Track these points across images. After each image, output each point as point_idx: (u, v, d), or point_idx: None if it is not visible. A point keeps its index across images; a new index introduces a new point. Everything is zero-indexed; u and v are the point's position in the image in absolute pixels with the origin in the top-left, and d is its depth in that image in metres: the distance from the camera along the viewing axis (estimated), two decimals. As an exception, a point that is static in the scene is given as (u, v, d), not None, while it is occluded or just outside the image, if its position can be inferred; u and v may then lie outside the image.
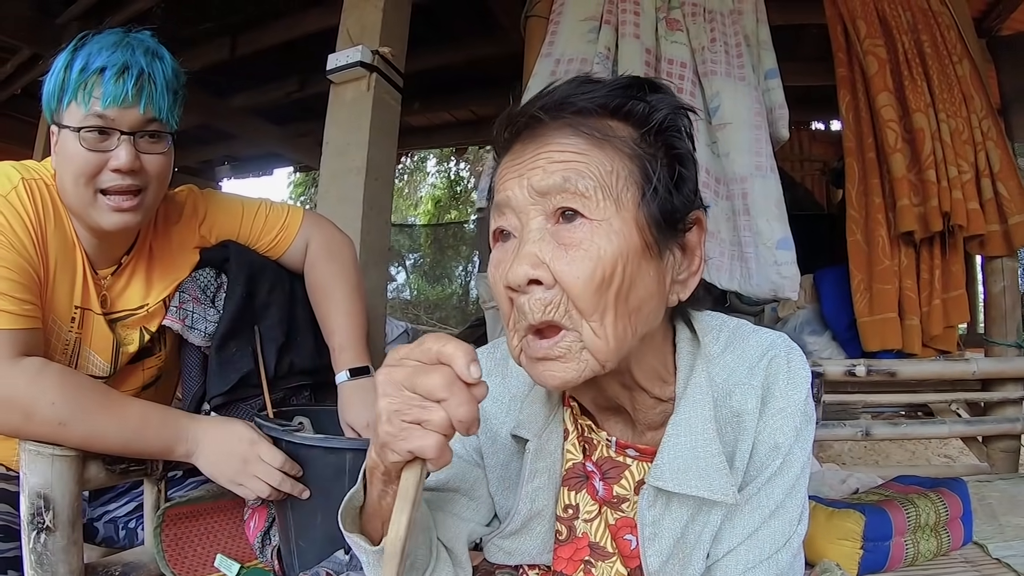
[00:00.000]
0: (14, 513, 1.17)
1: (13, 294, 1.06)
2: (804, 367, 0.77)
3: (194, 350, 1.36)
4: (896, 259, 2.33)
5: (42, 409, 1.03)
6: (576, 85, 0.70)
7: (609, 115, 0.69)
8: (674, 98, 0.72)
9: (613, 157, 0.66)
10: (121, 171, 1.11)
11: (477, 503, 0.87)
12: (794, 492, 0.74)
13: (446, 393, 0.56)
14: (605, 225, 0.64)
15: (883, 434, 1.71)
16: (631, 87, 0.71)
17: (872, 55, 2.37)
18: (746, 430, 0.74)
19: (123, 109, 1.10)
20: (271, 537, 1.29)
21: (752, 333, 0.80)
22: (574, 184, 0.64)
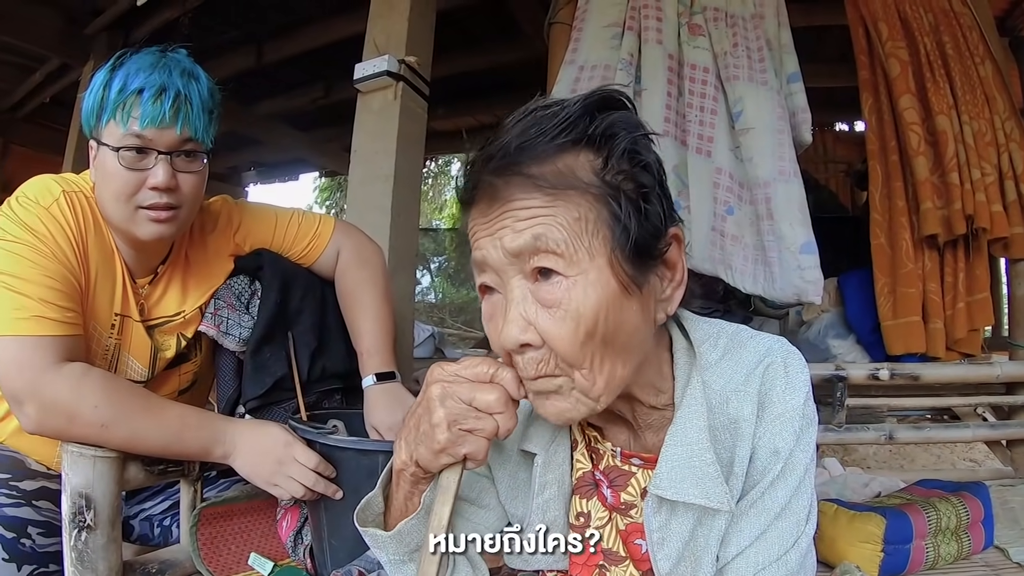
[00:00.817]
0: (55, 510, 1.21)
1: (56, 302, 1.10)
2: (802, 371, 0.76)
3: (228, 355, 1.40)
4: (920, 262, 2.31)
5: (85, 412, 1.07)
6: (524, 127, 0.67)
7: (567, 151, 0.67)
8: (630, 116, 0.71)
9: (579, 202, 0.65)
10: (159, 189, 1.15)
11: (485, 510, 0.89)
12: (799, 493, 0.74)
13: (502, 408, 0.67)
14: (581, 279, 0.65)
15: (907, 438, 1.71)
16: (583, 116, 0.68)
17: (894, 57, 2.36)
18: (743, 437, 0.74)
19: (160, 130, 1.14)
20: (303, 536, 1.32)
21: (750, 339, 0.79)
22: (544, 242, 0.64)
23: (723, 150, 2.26)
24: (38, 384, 1.06)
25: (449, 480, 0.70)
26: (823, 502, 1.42)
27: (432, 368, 0.72)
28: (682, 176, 2.30)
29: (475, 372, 0.68)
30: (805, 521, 0.74)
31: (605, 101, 0.70)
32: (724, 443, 0.74)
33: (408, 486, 0.76)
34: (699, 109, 2.30)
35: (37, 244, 1.11)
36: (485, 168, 0.68)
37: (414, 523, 0.77)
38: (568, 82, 2.42)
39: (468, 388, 0.68)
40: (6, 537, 1.12)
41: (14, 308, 1.07)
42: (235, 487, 1.37)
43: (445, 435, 0.68)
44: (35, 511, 1.20)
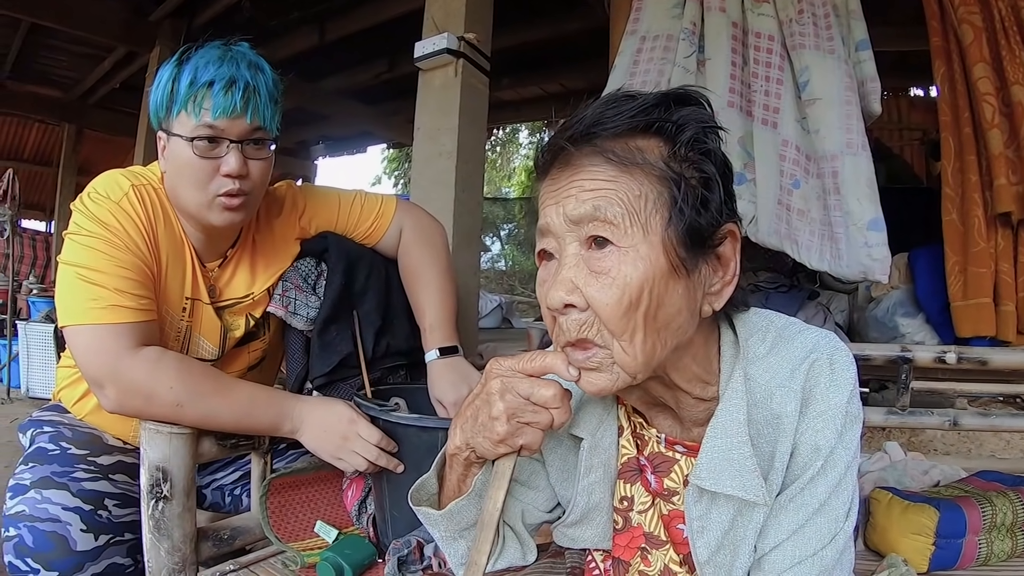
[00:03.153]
0: (131, 482, 1.30)
1: (131, 291, 1.17)
2: (849, 368, 0.76)
3: (297, 334, 1.45)
4: (992, 241, 2.21)
5: (161, 393, 1.14)
6: (604, 107, 0.71)
7: (638, 134, 0.70)
8: (703, 112, 0.73)
9: (642, 180, 0.68)
10: (231, 176, 1.20)
11: (535, 492, 0.92)
12: (839, 490, 0.74)
13: (558, 403, 0.72)
14: (632, 252, 0.67)
15: (972, 424, 1.65)
16: (658, 105, 0.71)
17: (967, 23, 2.22)
18: (785, 432, 0.74)
19: (232, 119, 1.18)
20: (367, 506, 1.37)
21: (798, 334, 0.79)
22: (603, 212, 0.67)
23: (789, 121, 2.20)
24: (117, 368, 1.14)
25: (505, 467, 0.75)
26: (878, 490, 1.39)
27: (491, 362, 0.76)
28: (748, 148, 2.26)
29: (532, 367, 0.72)
30: (844, 518, 0.74)
31: (682, 97, 0.73)
32: (766, 437, 0.75)
33: (461, 469, 0.80)
34: (764, 79, 2.24)
35: (110, 237, 1.18)
36: (562, 137, 0.71)
37: (464, 503, 0.81)
38: (630, 53, 2.39)
39: (528, 384, 0.72)
40: (84, 509, 1.20)
41: (91, 299, 1.14)
42: (303, 459, 1.43)
43: (504, 427, 0.72)
44: (111, 484, 1.28)
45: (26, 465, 1.26)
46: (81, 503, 1.20)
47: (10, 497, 1.21)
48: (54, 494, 1.19)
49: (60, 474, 1.23)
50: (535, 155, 0.78)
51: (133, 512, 1.25)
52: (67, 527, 1.17)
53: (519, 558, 0.90)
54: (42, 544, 1.14)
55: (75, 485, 1.22)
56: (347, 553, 1.22)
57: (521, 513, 0.92)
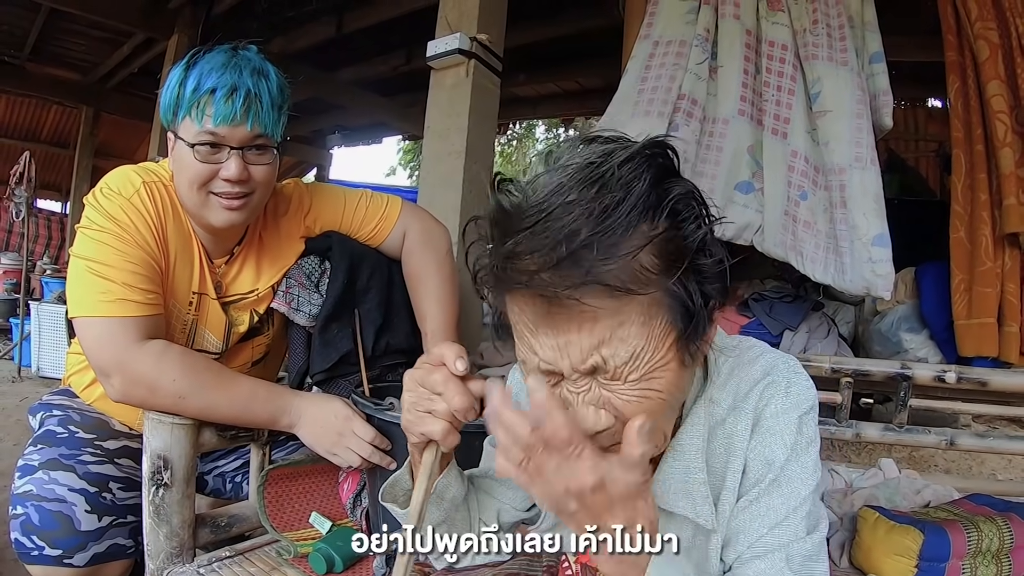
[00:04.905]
0: (136, 467, 1.33)
1: (140, 286, 1.20)
2: (806, 391, 0.75)
3: (299, 330, 1.47)
4: (999, 261, 2.18)
5: (165, 385, 1.18)
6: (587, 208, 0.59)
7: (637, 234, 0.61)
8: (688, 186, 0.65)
9: (649, 301, 0.62)
10: (231, 181, 1.23)
11: (513, 491, 0.93)
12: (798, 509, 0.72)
13: (442, 388, 0.72)
14: (649, 372, 0.64)
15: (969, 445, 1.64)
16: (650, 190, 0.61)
17: (983, 40, 2.19)
18: (735, 452, 0.74)
19: (232, 127, 1.20)
20: (362, 500, 1.39)
21: (758, 357, 0.78)
22: (615, 361, 0.63)
23: (799, 132, 2.19)
24: (123, 359, 1.17)
25: (425, 459, 0.76)
26: (866, 508, 1.39)
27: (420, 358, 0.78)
28: (757, 157, 2.25)
29: (431, 356, 0.74)
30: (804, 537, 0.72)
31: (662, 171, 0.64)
32: (719, 457, 0.75)
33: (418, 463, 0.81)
34: (776, 88, 2.23)
35: (120, 232, 1.21)
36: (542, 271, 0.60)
37: None
38: (643, 58, 2.39)
39: (423, 372, 0.73)
40: (90, 491, 1.24)
41: (100, 292, 1.17)
42: (301, 451, 1.45)
43: (407, 416, 0.75)
44: (116, 468, 1.32)
45: (35, 447, 1.30)
46: (87, 485, 1.24)
47: (18, 477, 1.25)
48: (61, 475, 1.23)
49: (67, 456, 1.27)
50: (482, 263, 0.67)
51: (136, 495, 1.29)
52: (72, 507, 1.21)
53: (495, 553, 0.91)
54: (48, 523, 1.19)
55: (81, 468, 1.26)
56: (339, 545, 1.24)
57: (497, 512, 0.93)
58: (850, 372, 1.62)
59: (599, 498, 0.59)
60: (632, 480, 0.60)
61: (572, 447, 0.58)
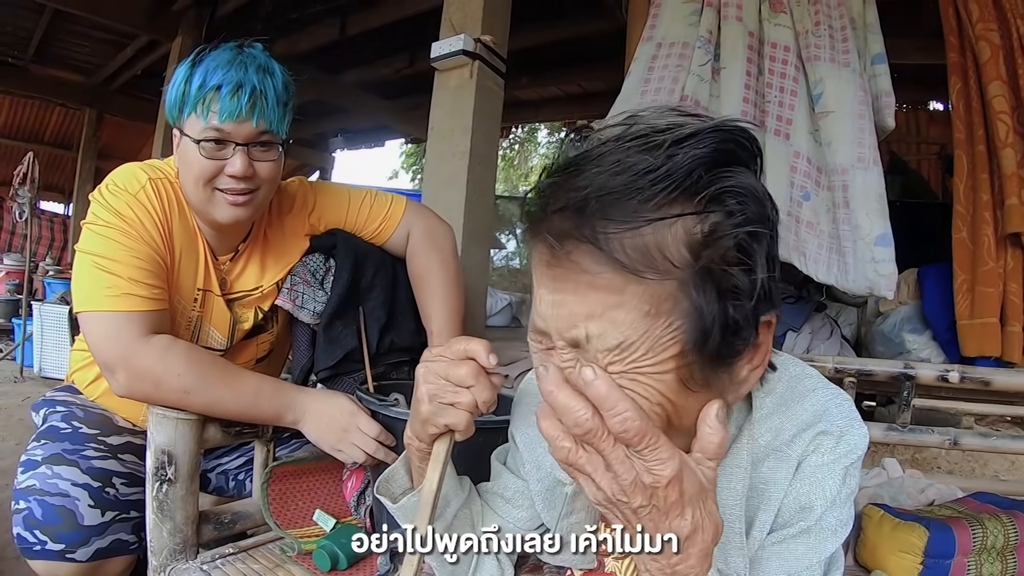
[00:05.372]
0: (139, 463, 1.33)
1: (144, 280, 1.20)
2: (858, 442, 0.68)
3: (304, 327, 1.47)
4: (1002, 261, 2.19)
5: (170, 380, 1.17)
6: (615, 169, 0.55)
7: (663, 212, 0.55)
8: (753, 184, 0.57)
9: (656, 291, 0.55)
10: (236, 177, 1.23)
11: (518, 509, 0.90)
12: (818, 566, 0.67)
13: (473, 381, 0.71)
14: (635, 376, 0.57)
15: (972, 444, 1.64)
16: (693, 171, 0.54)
17: (985, 40, 2.21)
18: (770, 502, 0.67)
19: (238, 123, 1.21)
20: (366, 498, 1.38)
21: (809, 393, 0.70)
22: (601, 342, 0.56)
23: (802, 133, 2.20)
24: (128, 354, 1.17)
25: (439, 449, 0.76)
26: (870, 506, 1.39)
27: (425, 352, 0.77)
28: (759, 159, 2.26)
29: (453, 350, 0.73)
30: None
31: (730, 155, 0.57)
32: (750, 501, 0.68)
33: (417, 461, 0.81)
34: (779, 90, 2.24)
35: (126, 228, 1.21)
36: (556, 214, 0.57)
37: (414, 500, 0.82)
38: (645, 59, 2.40)
39: (445, 365, 0.73)
40: (93, 486, 1.24)
41: (106, 286, 1.17)
42: (305, 448, 1.45)
43: (427, 407, 0.73)
44: (120, 463, 1.32)
45: (38, 442, 1.30)
46: (90, 480, 1.24)
47: (21, 472, 1.25)
48: (64, 470, 1.23)
49: (71, 451, 1.27)
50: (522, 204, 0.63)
51: (139, 491, 1.29)
52: (75, 502, 1.21)
53: (495, 571, 0.89)
54: (51, 517, 1.18)
55: (85, 463, 1.26)
56: (343, 542, 1.23)
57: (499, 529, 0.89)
58: (853, 372, 1.61)
59: (671, 494, 0.52)
60: (709, 474, 0.55)
61: (648, 436, 0.51)
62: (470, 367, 0.72)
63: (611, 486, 0.53)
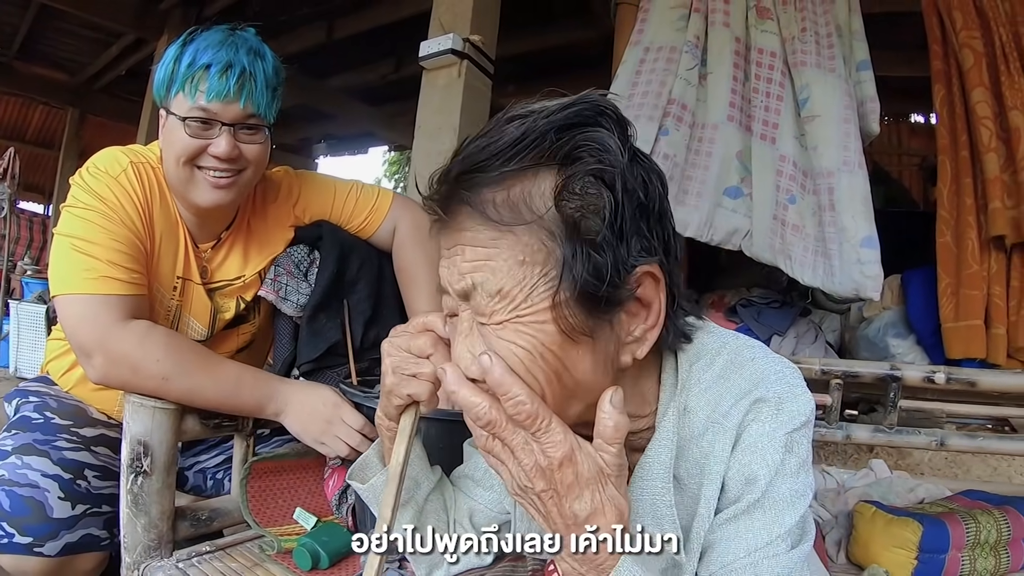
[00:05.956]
0: (113, 456, 1.30)
1: (123, 264, 1.18)
2: (800, 408, 0.67)
3: (286, 319, 1.45)
4: (986, 264, 2.21)
5: (148, 366, 1.15)
6: (485, 142, 0.62)
7: (526, 170, 0.61)
8: (604, 137, 0.62)
9: (527, 241, 0.60)
10: (219, 158, 1.21)
11: (488, 492, 0.91)
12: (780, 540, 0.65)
13: (432, 349, 0.73)
14: (516, 325, 0.61)
15: (959, 446, 1.65)
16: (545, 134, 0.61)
17: (968, 48, 2.24)
18: (712, 474, 0.67)
19: (225, 103, 1.19)
20: (348, 496, 1.35)
21: (749, 362, 0.70)
22: (483, 289, 0.61)
23: (788, 137, 2.21)
24: (106, 338, 1.14)
25: (405, 422, 0.77)
26: (862, 503, 1.39)
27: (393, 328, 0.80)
28: (746, 163, 2.28)
29: (414, 324, 0.76)
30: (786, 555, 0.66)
31: (579, 117, 0.62)
32: (693, 477, 0.69)
33: (388, 442, 0.82)
34: (765, 95, 2.26)
35: (106, 211, 1.19)
36: (440, 186, 0.65)
37: (382, 479, 0.83)
38: (633, 63, 2.41)
39: (406, 338, 0.75)
40: (63, 478, 1.21)
41: (84, 269, 1.15)
42: (286, 445, 1.43)
43: (390, 379, 0.75)
44: (93, 456, 1.29)
45: (9, 432, 1.27)
46: (61, 471, 1.21)
47: None
48: (35, 460, 1.20)
49: (42, 442, 1.24)
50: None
51: (112, 485, 1.26)
52: (45, 493, 1.17)
53: (475, 559, 0.88)
54: (19, 508, 1.15)
55: (56, 453, 1.23)
56: (324, 540, 1.21)
57: (470, 512, 0.91)
58: (840, 374, 1.62)
59: (566, 475, 0.57)
60: (609, 459, 0.58)
61: (539, 419, 0.57)
62: (429, 337, 0.74)
63: (518, 472, 0.58)
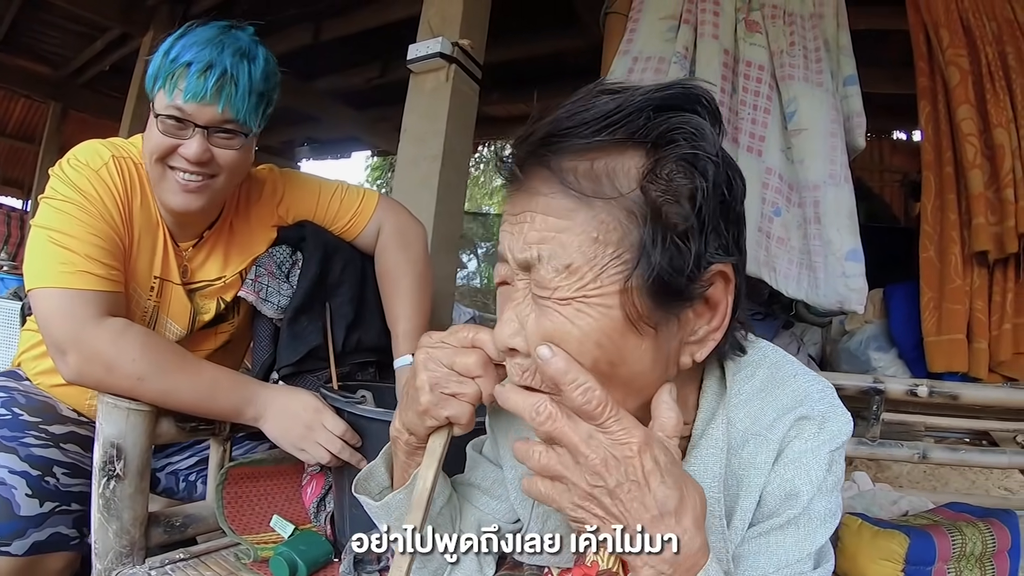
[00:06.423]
0: (83, 454, 1.27)
1: (101, 259, 1.15)
2: (842, 427, 0.67)
3: (266, 321, 1.43)
4: (968, 279, 2.23)
5: (123, 364, 1.11)
6: (570, 110, 0.59)
7: (612, 145, 0.59)
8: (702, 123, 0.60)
9: (604, 218, 0.57)
10: (190, 160, 1.18)
11: (496, 501, 0.87)
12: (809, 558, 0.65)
13: (481, 371, 0.67)
14: (579, 304, 0.58)
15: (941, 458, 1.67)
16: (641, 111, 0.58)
17: (954, 65, 2.27)
18: (750, 487, 0.66)
19: (201, 105, 1.15)
20: (326, 504, 1.33)
21: (790, 379, 0.69)
22: (549, 263, 0.58)
23: (774, 150, 2.22)
24: (81, 335, 1.11)
25: (435, 444, 0.70)
26: (848, 515, 1.39)
27: (423, 336, 0.72)
28: (731, 175, 2.28)
29: (458, 338, 0.68)
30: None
31: (674, 99, 0.60)
32: (730, 489, 0.67)
33: (404, 456, 0.76)
34: (752, 107, 2.27)
35: (85, 204, 1.16)
36: (520, 146, 0.62)
37: (401, 497, 0.77)
38: (622, 73, 2.41)
39: (449, 352, 0.68)
40: (31, 474, 1.17)
41: (60, 262, 1.11)
42: (262, 450, 1.40)
43: (427, 397, 0.68)
44: (62, 453, 1.25)
45: None
46: (28, 468, 1.17)
47: None
48: (1, 457, 1.16)
49: (9, 438, 1.20)
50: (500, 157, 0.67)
51: (82, 483, 1.22)
52: (12, 490, 1.14)
53: (475, 570, 0.84)
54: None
55: (24, 450, 1.19)
56: (302, 549, 1.18)
57: (478, 523, 0.87)
58: (823, 386, 1.62)
59: (647, 462, 0.53)
60: (674, 448, 0.56)
61: (608, 407, 0.53)
62: (478, 356, 0.67)
63: (581, 477, 0.54)
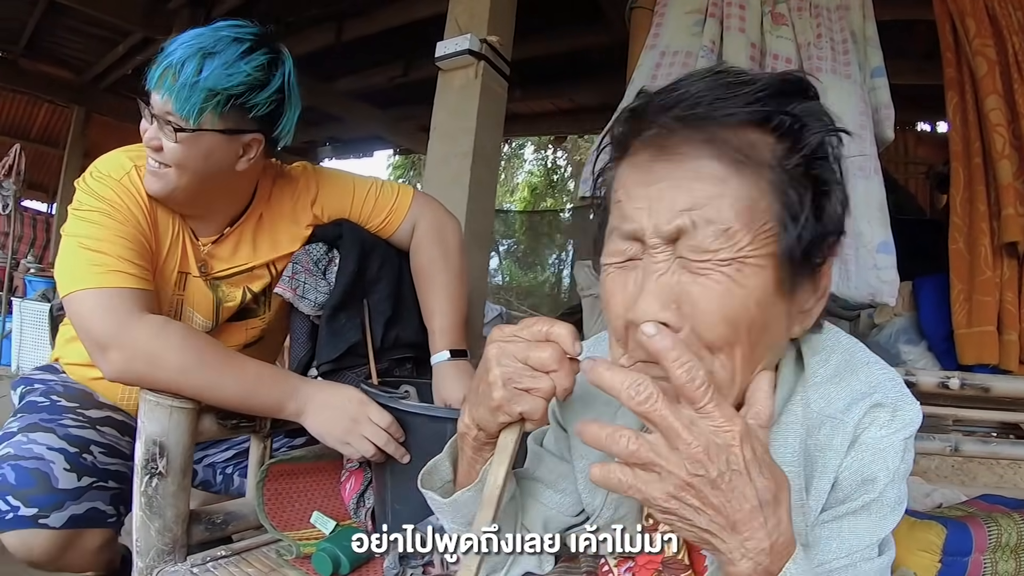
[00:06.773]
0: (119, 436, 1.30)
1: (132, 259, 1.17)
2: (913, 417, 0.67)
3: (303, 319, 1.44)
4: (998, 270, 2.21)
5: (166, 359, 1.12)
6: (717, 85, 0.60)
7: (750, 126, 0.60)
8: (824, 109, 0.63)
9: (755, 184, 0.59)
10: (143, 142, 1.22)
11: (561, 495, 0.86)
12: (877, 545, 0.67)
13: (557, 366, 0.64)
14: (740, 266, 0.59)
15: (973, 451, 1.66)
16: (784, 94, 0.61)
17: (981, 56, 2.24)
18: (825, 469, 0.66)
19: (155, 92, 1.18)
20: (366, 500, 1.34)
21: (863, 366, 0.70)
22: (706, 229, 0.58)
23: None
24: (121, 331, 1.12)
25: (507, 440, 0.69)
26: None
27: (493, 329, 0.70)
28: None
29: (532, 331, 0.66)
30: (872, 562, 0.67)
31: (798, 86, 0.64)
32: (804, 469, 0.67)
33: (471, 452, 0.74)
34: (780, 100, 2.26)
35: (112, 211, 1.19)
36: (662, 115, 0.60)
37: (470, 495, 0.75)
38: (649, 68, 2.40)
39: (523, 347, 0.66)
40: (69, 451, 1.20)
41: (93, 264, 1.14)
42: (304, 448, 1.41)
43: (500, 392, 0.66)
44: (99, 434, 1.28)
45: (15, 417, 1.27)
46: (67, 445, 1.20)
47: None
48: (40, 436, 1.19)
49: (48, 420, 1.23)
50: (615, 126, 0.67)
51: (118, 462, 1.25)
52: (50, 464, 1.16)
53: (535, 566, 0.84)
54: (24, 481, 1.13)
55: (62, 430, 1.22)
56: (345, 545, 1.18)
57: (544, 520, 0.86)
58: (855, 380, 1.60)
59: (747, 451, 0.51)
60: (765, 440, 0.55)
61: (711, 390, 0.51)
62: (554, 350, 0.65)
63: (679, 466, 0.51)
